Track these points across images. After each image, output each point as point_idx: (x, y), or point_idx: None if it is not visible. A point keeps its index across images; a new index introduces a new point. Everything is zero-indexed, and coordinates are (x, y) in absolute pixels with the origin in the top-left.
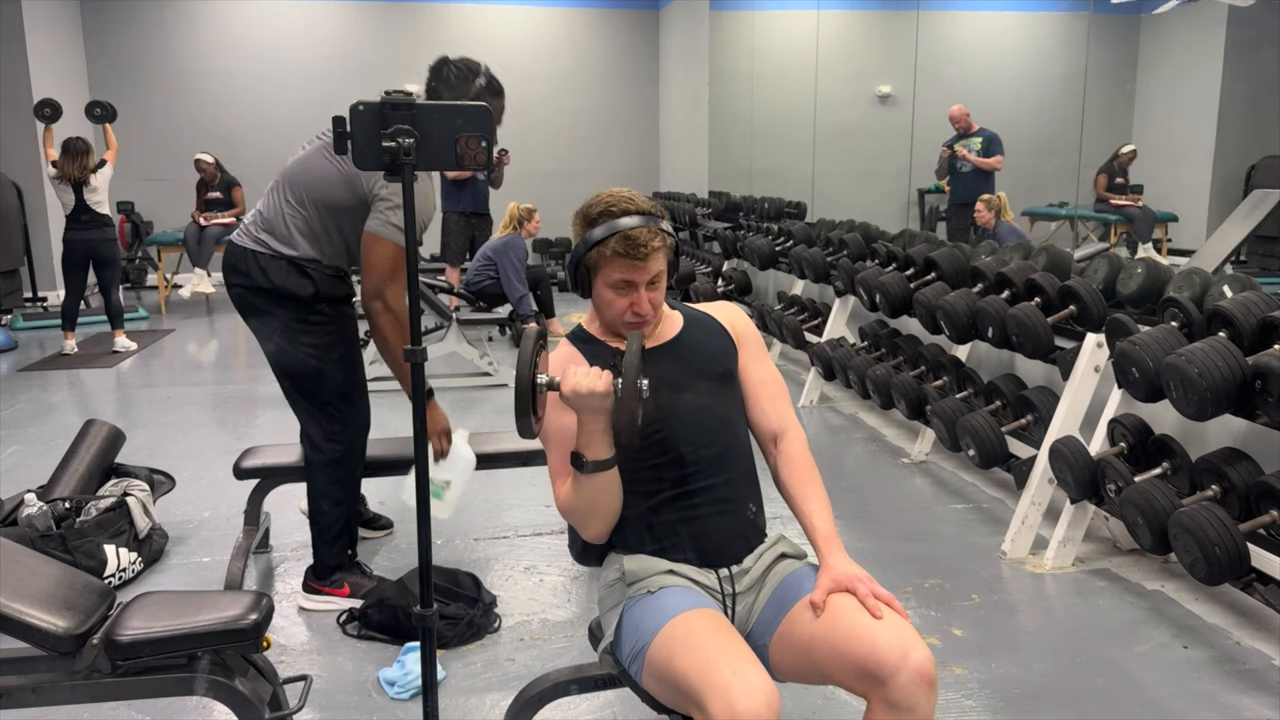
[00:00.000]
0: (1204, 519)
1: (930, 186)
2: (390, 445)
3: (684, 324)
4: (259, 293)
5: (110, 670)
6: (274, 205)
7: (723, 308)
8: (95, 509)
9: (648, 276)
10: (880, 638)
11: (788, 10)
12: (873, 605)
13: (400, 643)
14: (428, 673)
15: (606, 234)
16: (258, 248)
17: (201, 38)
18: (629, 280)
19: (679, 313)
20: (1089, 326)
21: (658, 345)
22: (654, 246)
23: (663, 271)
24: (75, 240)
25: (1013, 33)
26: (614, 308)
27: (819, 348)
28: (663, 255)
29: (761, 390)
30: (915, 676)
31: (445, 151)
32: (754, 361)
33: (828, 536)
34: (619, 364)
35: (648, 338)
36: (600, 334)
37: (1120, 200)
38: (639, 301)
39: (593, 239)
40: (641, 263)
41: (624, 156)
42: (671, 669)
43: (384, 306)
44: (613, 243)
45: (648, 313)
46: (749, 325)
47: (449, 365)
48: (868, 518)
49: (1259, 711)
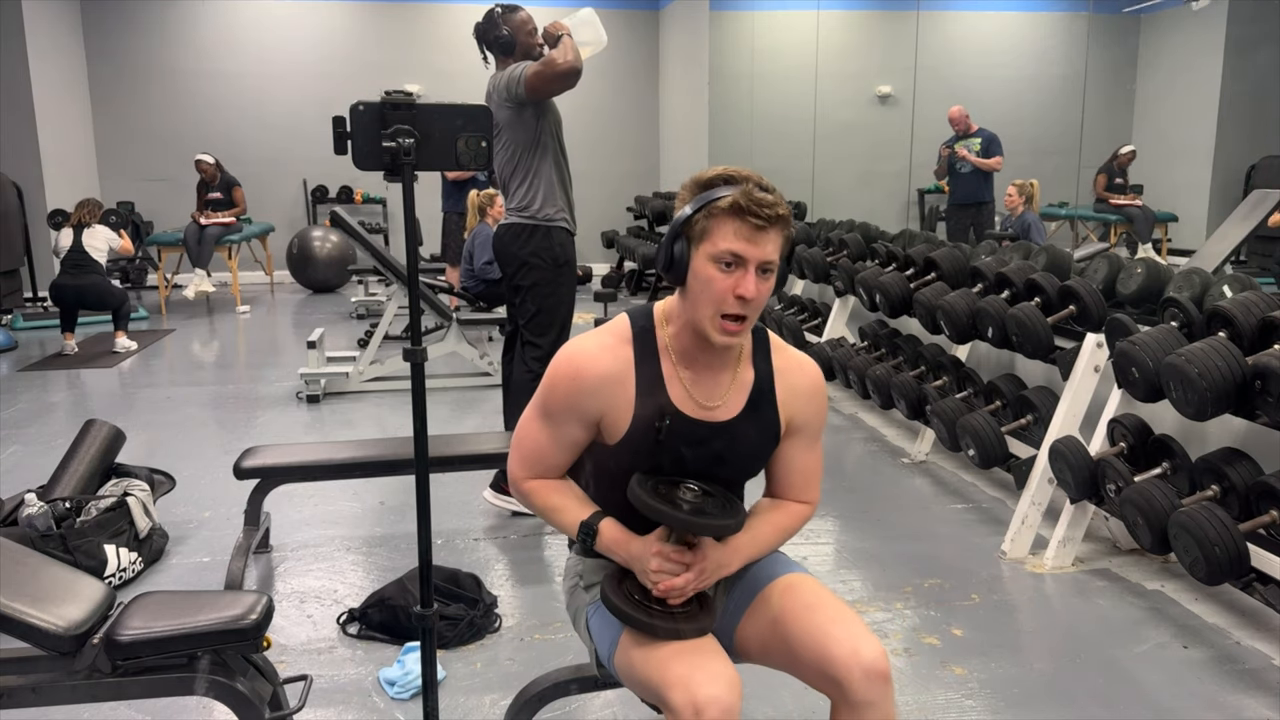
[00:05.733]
0: (1204, 519)
1: (930, 186)
2: (390, 445)
3: (746, 401)
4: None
5: (110, 670)
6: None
7: (801, 383)
8: (95, 509)
9: (763, 254)
10: (830, 638)
11: (788, 10)
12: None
13: (400, 643)
14: (428, 673)
15: (727, 191)
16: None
17: (201, 38)
18: (740, 254)
19: (753, 373)
20: (1089, 326)
21: (704, 420)
22: (780, 214)
23: (776, 262)
24: (65, 285)
25: (1013, 33)
26: (714, 288)
27: (819, 348)
28: (783, 236)
29: (794, 475)
30: (867, 675)
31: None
32: (798, 445)
33: (737, 545)
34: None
35: (709, 371)
36: (665, 350)
37: (1120, 200)
38: (745, 283)
39: (708, 197)
40: (762, 230)
41: (624, 156)
42: (634, 670)
43: (569, 64)
44: (733, 197)
45: (753, 299)
46: (813, 413)
47: (449, 365)
48: (868, 518)
49: (1259, 711)
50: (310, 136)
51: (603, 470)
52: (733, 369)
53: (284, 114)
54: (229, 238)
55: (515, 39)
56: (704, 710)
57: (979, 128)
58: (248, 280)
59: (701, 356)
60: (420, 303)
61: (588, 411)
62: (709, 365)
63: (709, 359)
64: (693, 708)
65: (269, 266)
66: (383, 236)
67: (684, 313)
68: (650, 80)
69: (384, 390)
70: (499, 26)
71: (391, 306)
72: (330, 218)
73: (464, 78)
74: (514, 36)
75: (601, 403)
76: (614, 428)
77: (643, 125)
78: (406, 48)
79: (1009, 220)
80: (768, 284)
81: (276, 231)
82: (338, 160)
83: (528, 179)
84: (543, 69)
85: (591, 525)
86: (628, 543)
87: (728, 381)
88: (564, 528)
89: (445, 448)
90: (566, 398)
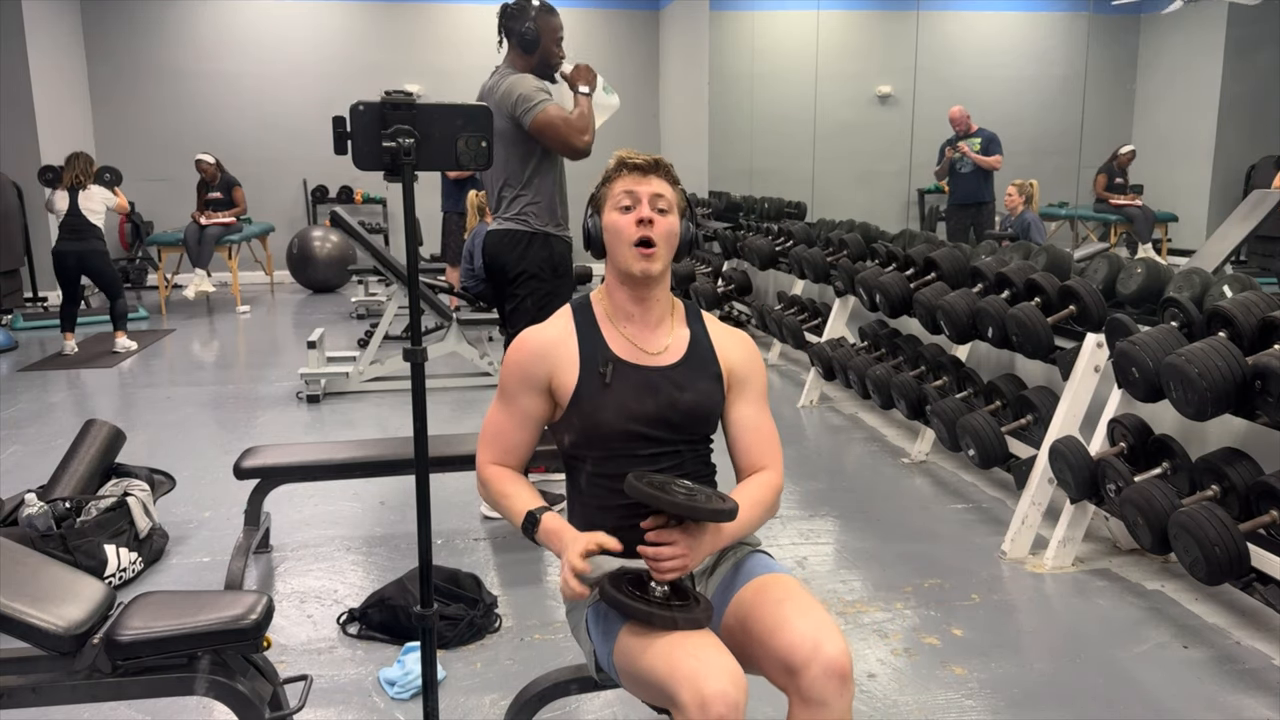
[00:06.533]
0: (1204, 519)
1: (930, 186)
2: (390, 445)
3: (686, 349)
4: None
5: (110, 670)
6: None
7: (734, 340)
8: (95, 509)
9: (651, 188)
10: (794, 628)
11: (788, 10)
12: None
13: (400, 643)
14: (428, 673)
15: (612, 164)
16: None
17: (201, 38)
18: (631, 190)
19: (688, 330)
20: (1089, 326)
21: (647, 365)
22: (656, 160)
23: (671, 201)
24: (66, 251)
25: (1013, 33)
26: (620, 229)
27: (819, 348)
28: (667, 182)
29: (749, 435)
30: (826, 670)
31: (445, 151)
32: (746, 403)
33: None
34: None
35: (646, 327)
36: (604, 316)
37: (1120, 200)
38: (641, 209)
39: (602, 177)
40: (644, 173)
41: None
42: (639, 669)
43: (588, 139)
44: (615, 158)
45: (655, 224)
46: (752, 369)
47: (449, 365)
48: (868, 518)
49: (1259, 711)
50: (310, 136)
51: (599, 475)
52: (668, 324)
53: (284, 114)
54: (229, 238)
55: (539, 41)
56: (710, 704)
57: (979, 127)
58: (248, 280)
59: (636, 311)
60: (420, 303)
61: (537, 376)
62: (644, 321)
63: (643, 314)
64: (699, 702)
65: (269, 266)
66: (383, 236)
67: (610, 273)
68: (650, 80)
69: (384, 390)
70: (528, 18)
71: (391, 306)
72: (330, 218)
73: (464, 78)
74: (539, 38)
75: (548, 365)
76: (563, 385)
77: (643, 125)
78: (406, 48)
79: (1009, 220)
80: (667, 219)
81: (276, 231)
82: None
83: (529, 188)
84: (559, 129)
85: (535, 516)
86: (561, 533)
87: (665, 334)
88: (511, 515)
89: (445, 448)
90: (516, 368)
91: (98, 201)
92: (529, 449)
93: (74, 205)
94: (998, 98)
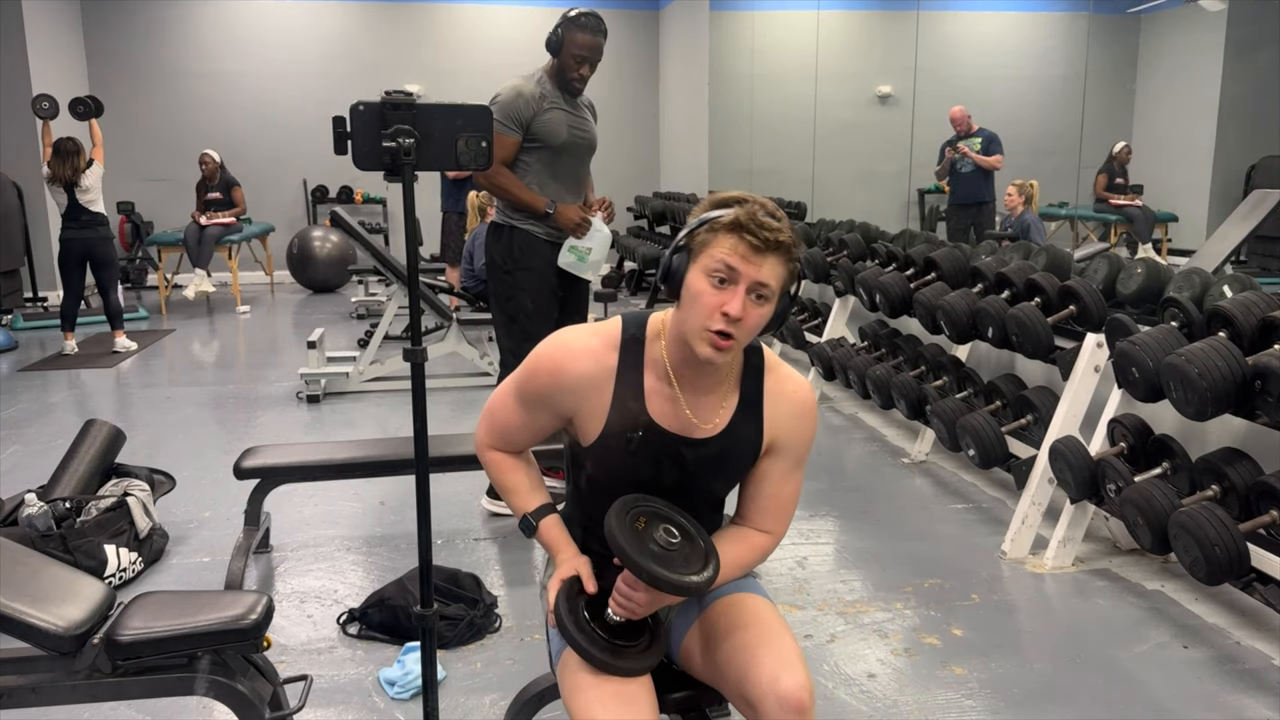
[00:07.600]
0: (1204, 519)
1: (930, 186)
2: (391, 445)
3: (730, 420)
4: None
5: (110, 670)
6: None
7: (788, 406)
8: (95, 509)
9: (757, 274)
10: (754, 659)
11: (788, 10)
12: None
13: (400, 643)
14: (428, 673)
15: (733, 211)
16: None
17: (202, 38)
18: (733, 267)
19: (739, 395)
20: (1089, 326)
21: (682, 436)
22: (781, 240)
23: (774, 291)
24: (72, 239)
25: (1013, 33)
26: (701, 304)
27: (819, 348)
28: (784, 266)
29: (764, 497)
30: (782, 703)
31: (445, 151)
32: (775, 464)
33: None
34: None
35: (698, 391)
36: (653, 361)
37: (1120, 200)
38: (734, 301)
39: (712, 215)
40: (759, 252)
41: (624, 156)
42: (564, 690)
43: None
44: (735, 214)
45: (741, 319)
46: (797, 437)
47: (449, 365)
48: (868, 518)
49: (1259, 711)
50: (310, 136)
51: (594, 478)
52: (721, 390)
53: (284, 114)
54: (229, 238)
55: (559, 49)
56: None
57: (979, 127)
58: (248, 280)
59: (688, 373)
60: (420, 303)
61: (561, 407)
62: (695, 384)
63: (696, 376)
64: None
65: (269, 266)
66: (383, 236)
67: (676, 325)
68: (650, 80)
69: (384, 390)
70: (558, 25)
71: (391, 306)
72: (330, 218)
73: (464, 78)
74: (559, 48)
75: (576, 403)
76: (586, 431)
77: (643, 125)
78: (406, 48)
79: (1009, 220)
80: (760, 310)
81: (276, 231)
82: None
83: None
84: (490, 179)
85: (532, 521)
86: (555, 548)
87: (714, 403)
88: (512, 509)
89: (445, 448)
90: (543, 389)
91: (95, 190)
92: (532, 445)
93: (73, 199)
94: (998, 98)
